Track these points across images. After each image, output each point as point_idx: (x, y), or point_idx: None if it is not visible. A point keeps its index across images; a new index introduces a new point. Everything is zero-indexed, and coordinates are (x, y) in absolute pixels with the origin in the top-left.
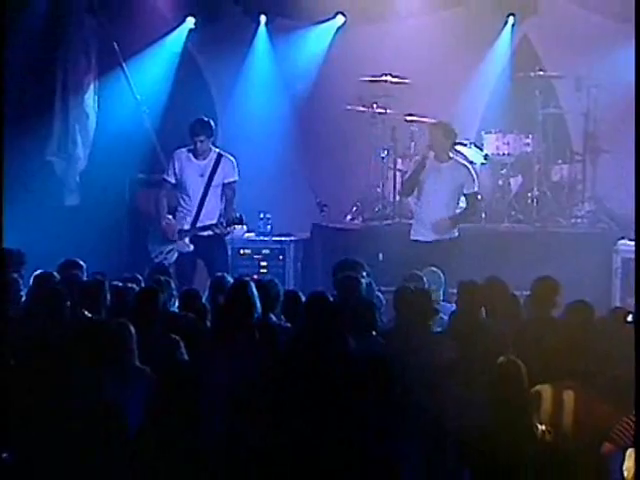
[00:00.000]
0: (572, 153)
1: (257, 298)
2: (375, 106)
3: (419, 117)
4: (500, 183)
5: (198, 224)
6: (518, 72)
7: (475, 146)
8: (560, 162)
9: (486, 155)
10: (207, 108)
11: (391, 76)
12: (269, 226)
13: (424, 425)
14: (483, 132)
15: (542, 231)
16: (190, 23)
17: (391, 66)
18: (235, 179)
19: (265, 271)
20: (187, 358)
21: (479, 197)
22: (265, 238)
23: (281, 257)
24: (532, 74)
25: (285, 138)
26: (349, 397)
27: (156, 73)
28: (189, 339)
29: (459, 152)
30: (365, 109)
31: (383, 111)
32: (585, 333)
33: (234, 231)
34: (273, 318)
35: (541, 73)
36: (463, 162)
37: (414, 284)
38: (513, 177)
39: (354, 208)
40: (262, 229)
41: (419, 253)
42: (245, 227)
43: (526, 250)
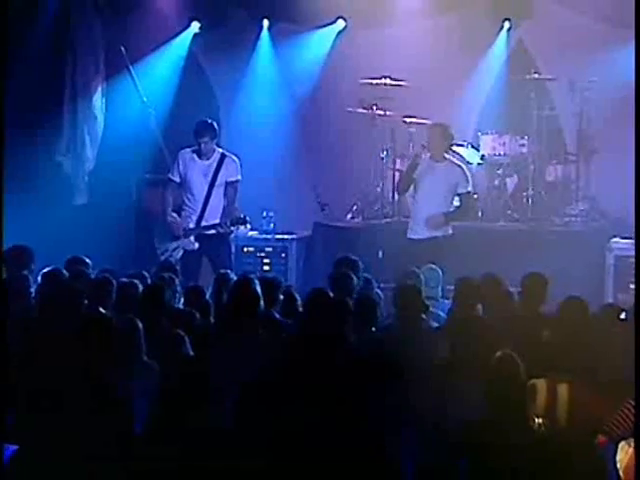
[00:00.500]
0: (566, 153)
1: (260, 294)
2: (375, 108)
3: (417, 119)
4: (496, 183)
5: (203, 223)
6: (513, 75)
7: (472, 147)
8: (554, 162)
9: (482, 155)
10: (211, 110)
11: (390, 79)
12: (272, 224)
13: (422, 417)
14: (480, 133)
15: (537, 229)
16: (195, 27)
17: (390, 69)
18: (238, 178)
19: (268, 268)
20: (192, 353)
21: (475, 196)
22: (268, 236)
23: (284, 255)
24: (527, 77)
25: (287, 139)
26: (349, 391)
27: (162, 76)
28: (193, 334)
29: (456, 153)
30: (365, 111)
31: (382, 113)
32: (579, 328)
33: (237, 230)
34: (276, 315)
35: (536, 76)
36: (457, 162)
37: (411, 281)
38: (509, 177)
39: (354, 207)
40: (265, 227)
41: (417, 251)
42: (249, 226)
43: (521, 248)
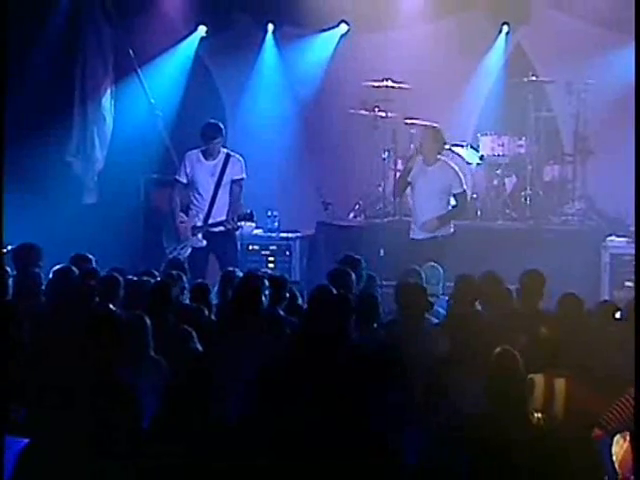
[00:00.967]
0: (563, 154)
1: (264, 291)
2: (377, 110)
3: (418, 120)
4: (495, 183)
5: (210, 221)
6: (512, 78)
7: (471, 147)
8: (552, 163)
9: (482, 156)
10: (217, 111)
11: (392, 81)
12: (276, 223)
13: (424, 413)
14: (479, 134)
15: (535, 228)
16: (202, 31)
17: (392, 72)
18: (242, 177)
19: (272, 266)
20: (200, 349)
21: (475, 196)
22: (272, 234)
23: (288, 253)
24: (525, 79)
25: (291, 140)
26: (352, 388)
27: (169, 78)
28: (200, 330)
29: (456, 153)
30: (367, 112)
31: (384, 114)
32: (575, 324)
33: (244, 227)
34: (281, 312)
35: (533, 78)
36: (450, 164)
37: (412, 279)
38: (507, 177)
39: (356, 206)
40: (270, 226)
41: (418, 249)
42: (255, 223)
43: (520, 246)
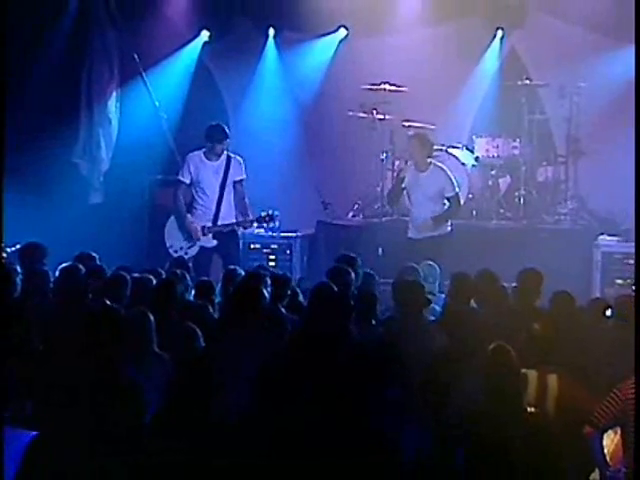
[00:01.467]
0: (556, 155)
1: (265, 288)
2: (375, 112)
3: (415, 122)
4: (490, 183)
5: (219, 221)
6: (506, 81)
7: (467, 149)
8: (545, 164)
9: (477, 157)
10: (220, 114)
11: (390, 84)
12: (277, 223)
13: (423, 408)
14: (474, 136)
15: (528, 227)
16: (204, 36)
17: (390, 75)
18: (243, 177)
19: (273, 264)
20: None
21: (470, 196)
22: (273, 234)
23: (288, 251)
24: (519, 83)
25: (292, 142)
26: (352, 386)
27: (173, 82)
28: (204, 327)
29: (451, 155)
30: (366, 115)
31: (382, 117)
32: (567, 321)
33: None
34: (282, 310)
35: (527, 82)
36: (442, 168)
37: (410, 276)
38: (502, 178)
39: (355, 206)
40: (271, 225)
41: (416, 248)
42: (277, 224)
43: (513, 245)
